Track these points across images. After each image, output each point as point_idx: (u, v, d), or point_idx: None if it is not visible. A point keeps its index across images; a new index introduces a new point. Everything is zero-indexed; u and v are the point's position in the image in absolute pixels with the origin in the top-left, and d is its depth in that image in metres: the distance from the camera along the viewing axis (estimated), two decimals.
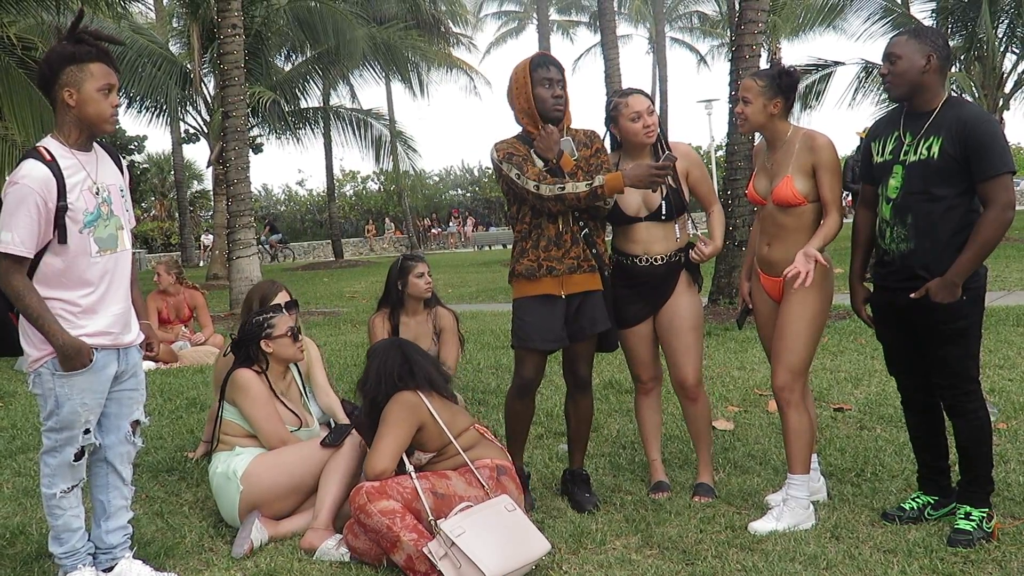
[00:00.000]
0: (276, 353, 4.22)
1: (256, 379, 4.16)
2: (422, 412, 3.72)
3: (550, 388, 6.28)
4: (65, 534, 3.38)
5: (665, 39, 41.44)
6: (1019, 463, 4.40)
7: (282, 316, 4.26)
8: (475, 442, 3.81)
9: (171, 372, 8.16)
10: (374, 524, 3.43)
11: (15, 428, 6.14)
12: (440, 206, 51.87)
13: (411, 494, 3.53)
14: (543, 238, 4.05)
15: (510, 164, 3.99)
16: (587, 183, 3.89)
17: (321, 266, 28.24)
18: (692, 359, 4.26)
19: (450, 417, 3.79)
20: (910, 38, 3.55)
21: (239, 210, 13.05)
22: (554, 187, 3.91)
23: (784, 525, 3.74)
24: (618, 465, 4.78)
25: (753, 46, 10.06)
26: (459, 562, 3.27)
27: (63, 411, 3.24)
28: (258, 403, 4.10)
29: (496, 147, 4.08)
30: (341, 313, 13.40)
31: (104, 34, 3.36)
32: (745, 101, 3.91)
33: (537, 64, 4.03)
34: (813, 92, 19.96)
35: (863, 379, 6.37)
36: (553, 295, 4.04)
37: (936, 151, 3.49)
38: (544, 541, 3.50)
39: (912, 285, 3.55)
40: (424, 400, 3.75)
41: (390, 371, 3.80)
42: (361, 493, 3.50)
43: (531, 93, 4.00)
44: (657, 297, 4.26)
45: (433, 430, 3.73)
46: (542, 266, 4.03)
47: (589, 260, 4.07)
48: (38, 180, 3.13)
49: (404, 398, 3.74)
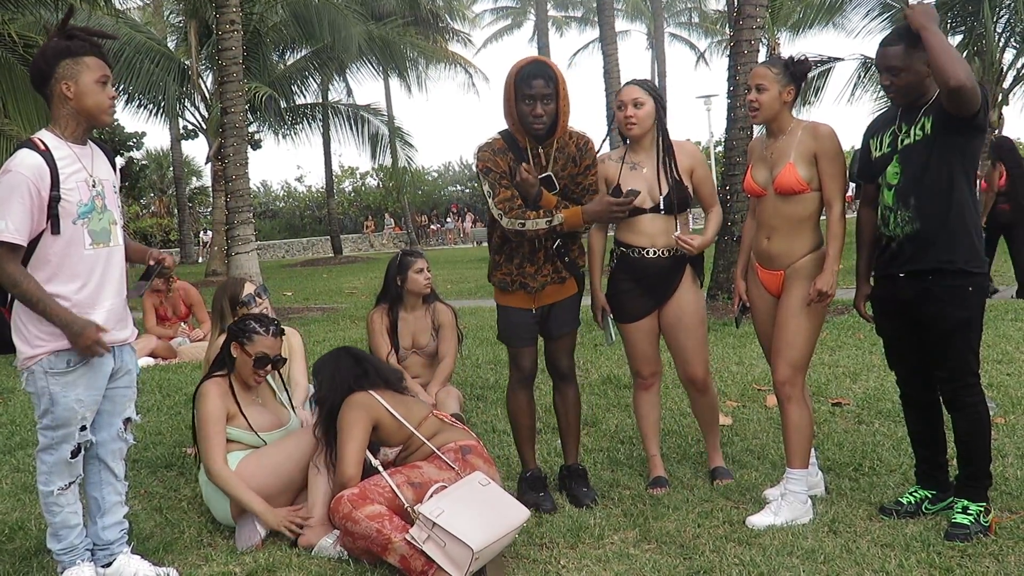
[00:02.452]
0: (238, 364, 4.11)
1: (212, 395, 4.02)
2: (375, 410, 3.78)
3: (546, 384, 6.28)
4: (63, 531, 3.38)
5: (664, 35, 41.43)
6: (1017, 458, 4.41)
7: (267, 339, 4.10)
8: (437, 429, 3.87)
9: (170, 368, 8.17)
10: (363, 530, 3.43)
11: (14, 424, 6.14)
12: (439, 202, 51.85)
13: (391, 493, 3.54)
14: (516, 255, 4.08)
15: (485, 179, 3.98)
16: (547, 220, 3.90)
17: (320, 262, 28.22)
18: (701, 355, 4.31)
19: (406, 410, 3.85)
20: (907, 47, 3.52)
21: (238, 206, 13.03)
22: (515, 221, 3.91)
23: (782, 519, 3.74)
24: (616, 460, 4.79)
25: (752, 41, 10.06)
26: (443, 541, 3.29)
27: (58, 409, 3.24)
28: (204, 422, 3.99)
29: (479, 154, 4.02)
30: (340, 309, 13.39)
31: (96, 30, 3.38)
32: (760, 89, 3.88)
33: (521, 78, 3.89)
34: (812, 88, 19.99)
35: (861, 374, 6.38)
36: (525, 308, 4.14)
37: (928, 127, 3.52)
38: (522, 508, 3.55)
39: (921, 268, 3.55)
40: (377, 397, 3.80)
41: (344, 377, 3.86)
42: (343, 502, 3.50)
43: (513, 107, 3.94)
44: (661, 292, 4.27)
45: (391, 425, 3.78)
46: (515, 281, 4.10)
47: (560, 272, 4.11)
48: (31, 168, 3.13)
49: (355, 400, 3.79)
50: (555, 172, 4.01)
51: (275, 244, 43.77)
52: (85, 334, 3.18)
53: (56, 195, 3.16)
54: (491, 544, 3.34)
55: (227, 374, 4.13)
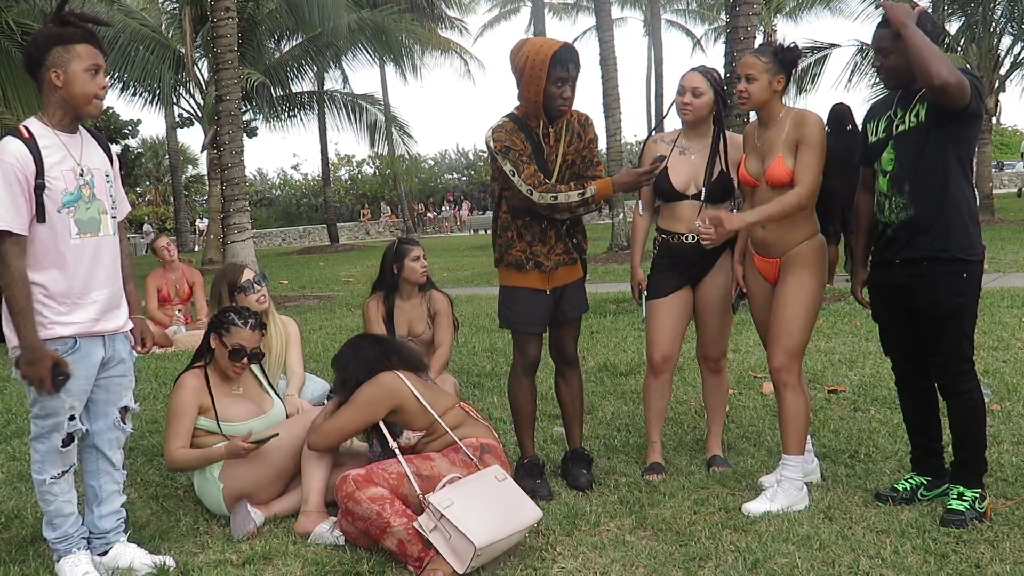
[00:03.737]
0: (216, 355, 4.10)
1: (187, 387, 4.02)
2: (400, 392, 3.75)
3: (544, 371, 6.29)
4: (58, 519, 3.37)
5: (660, 22, 41.28)
6: (1012, 444, 4.42)
7: (244, 332, 4.07)
8: (461, 421, 3.83)
9: (166, 356, 8.15)
10: (363, 511, 3.42)
11: (9, 413, 6.14)
12: (435, 190, 51.76)
13: (397, 479, 3.53)
14: (527, 232, 4.08)
15: (505, 158, 3.97)
16: (579, 192, 3.93)
17: (317, 250, 28.19)
18: (718, 337, 4.43)
19: (432, 396, 3.81)
20: (895, 31, 3.49)
21: (234, 194, 13.01)
22: (547, 195, 3.92)
23: (778, 506, 3.75)
24: (612, 447, 4.79)
25: (748, 28, 10.02)
26: (448, 533, 3.28)
27: (46, 398, 3.22)
28: (171, 412, 4.00)
29: (494, 135, 4.02)
30: (336, 297, 13.39)
31: (90, 16, 3.35)
32: (749, 79, 3.86)
33: (558, 60, 3.89)
34: (809, 75, 19.92)
35: (857, 361, 6.38)
36: (540, 289, 4.11)
37: (923, 114, 3.51)
38: (535, 508, 3.52)
39: (915, 255, 3.55)
40: (403, 379, 3.77)
41: (367, 358, 3.83)
42: (348, 481, 3.49)
43: (543, 88, 3.92)
44: (694, 273, 4.34)
45: (415, 408, 3.75)
46: (530, 260, 4.08)
47: (571, 253, 4.15)
48: (14, 155, 3.10)
49: (383, 380, 3.75)
50: (565, 149, 4.07)
51: (271, 232, 43.70)
52: (38, 365, 3.12)
53: (41, 183, 3.13)
54: (497, 542, 3.31)
55: (204, 365, 4.12)
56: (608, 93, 18.14)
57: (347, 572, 3.38)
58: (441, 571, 3.27)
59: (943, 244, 3.51)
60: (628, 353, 7.17)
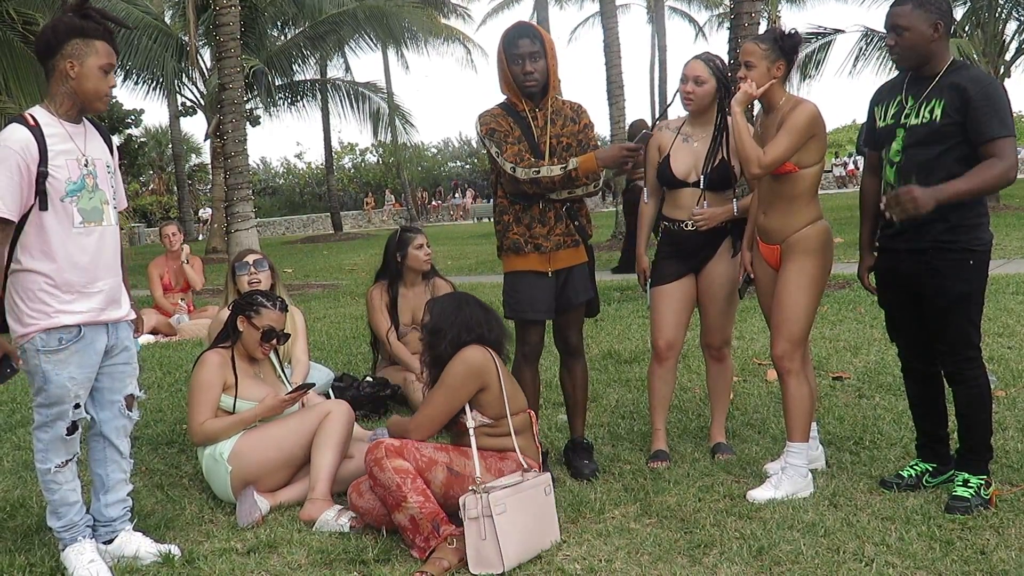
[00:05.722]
0: (244, 337, 4.14)
1: (211, 363, 4.06)
2: (490, 375, 3.57)
3: (549, 359, 6.29)
4: (62, 508, 3.37)
5: (664, 8, 41.06)
6: (1017, 431, 4.41)
7: (272, 313, 4.13)
8: (524, 428, 3.67)
9: (170, 345, 8.17)
10: (385, 479, 3.39)
11: (15, 402, 6.15)
12: (439, 178, 51.71)
13: (426, 463, 3.47)
14: (525, 215, 4.07)
15: (491, 140, 4.03)
16: (561, 167, 3.93)
17: (320, 239, 28.19)
18: (721, 324, 4.41)
19: (513, 390, 3.67)
20: (914, 7, 3.47)
21: (237, 183, 12.97)
22: (529, 170, 3.94)
23: (782, 493, 3.74)
24: (617, 435, 4.79)
25: (752, 14, 9.96)
26: (486, 534, 3.23)
27: (51, 387, 3.23)
28: (195, 386, 4.04)
29: (480, 119, 4.10)
30: (340, 286, 13.40)
31: (112, 16, 3.37)
32: (748, 66, 3.83)
33: (508, 41, 4.01)
34: (813, 61, 19.82)
35: (862, 348, 6.37)
36: (541, 271, 4.09)
37: (939, 113, 3.47)
38: (556, 530, 3.48)
39: (921, 245, 3.53)
40: (496, 361, 3.64)
41: (472, 321, 3.62)
42: (380, 447, 3.44)
43: (507, 69, 4.03)
44: (697, 260, 4.34)
45: (494, 397, 3.58)
46: (529, 242, 4.07)
47: (573, 235, 4.12)
48: (18, 142, 3.11)
49: (472, 357, 3.56)
50: (556, 132, 4.08)
51: (275, 221, 43.72)
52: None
53: (44, 171, 3.14)
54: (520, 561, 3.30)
55: (230, 346, 4.16)
56: (612, 80, 18.05)
57: (352, 560, 3.38)
58: (447, 561, 3.26)
59: (950, 236, 3.49)
60: (632, 341, 7.17)
